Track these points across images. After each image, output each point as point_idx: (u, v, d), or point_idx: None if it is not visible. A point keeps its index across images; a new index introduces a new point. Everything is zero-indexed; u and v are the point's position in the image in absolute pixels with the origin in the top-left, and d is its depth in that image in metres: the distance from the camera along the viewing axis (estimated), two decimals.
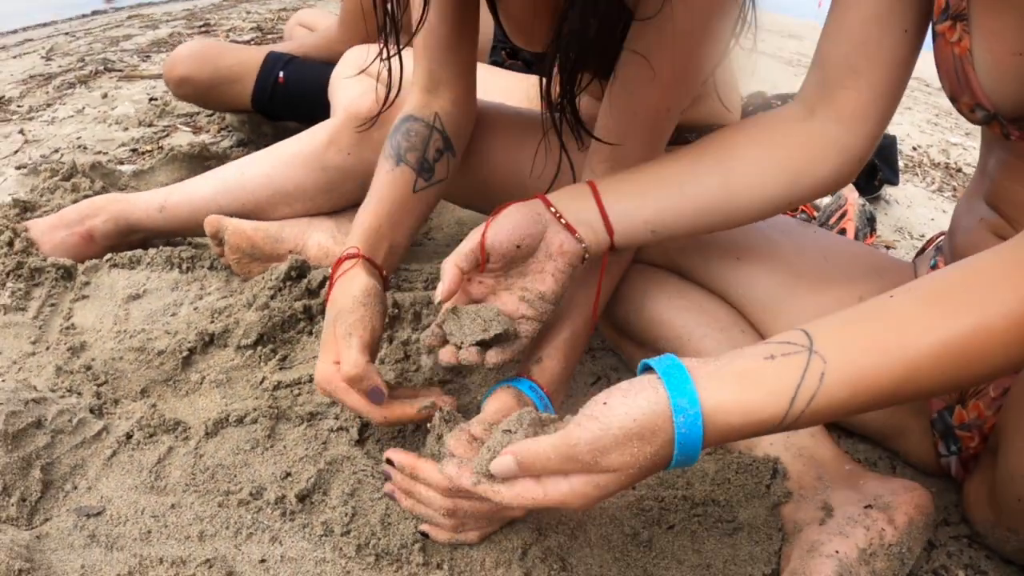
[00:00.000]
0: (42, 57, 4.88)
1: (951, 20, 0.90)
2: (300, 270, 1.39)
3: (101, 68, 4.02)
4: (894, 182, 2.99)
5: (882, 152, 2.86)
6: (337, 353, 0.96)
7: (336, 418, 1.10)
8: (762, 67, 7.41)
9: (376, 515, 0.96)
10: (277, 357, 1.23)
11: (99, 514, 0.94)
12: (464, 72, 1.27)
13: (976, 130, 1.77)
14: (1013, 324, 0.66)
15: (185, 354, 1.21)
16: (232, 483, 0.99)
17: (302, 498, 0.97)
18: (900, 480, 1.00)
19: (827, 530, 0.93)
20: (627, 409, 0.67)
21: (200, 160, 2.04)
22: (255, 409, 1.09)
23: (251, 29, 5.33)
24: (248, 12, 6.63)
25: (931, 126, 6.05)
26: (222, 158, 2.10)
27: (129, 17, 7.92)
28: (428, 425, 0.94)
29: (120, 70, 4.00)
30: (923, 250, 1.32)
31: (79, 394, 1.12)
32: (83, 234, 1.52)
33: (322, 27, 2.60)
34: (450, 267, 0.94)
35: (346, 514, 0.95)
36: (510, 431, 0.75)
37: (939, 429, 1.07)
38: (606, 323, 1.30)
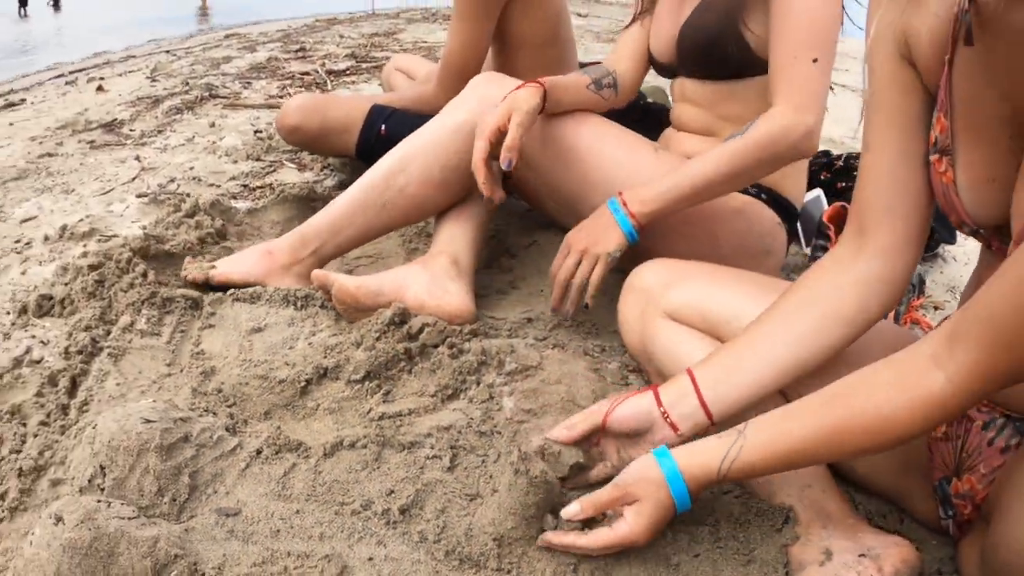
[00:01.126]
0: (147, 77, 5.18)
1: (939, 154, 1.08)
2: (402, 317, 1.59)
3: (206, 94, 4.26)
4: (951, 241, 2.98)
5: (939, 212, 2.94)
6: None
7: (432, 447, 1.30)
8: (841, 96, 7.48)
9: (461, 528, 1.15)
10: (382, 392, 1.43)
11: (236, 514, 1.15)
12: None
13: None
14: (877, 421, 0.98)
15: (303, 384, 1.42)
16: (346, 496, 1.20)
17: (403, 511, 1.18)
18: (893, 536, 1.17)
19: (825, 571, 1.11)
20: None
21: (307, 201, 2.28)
22: (364, 436, 1.30)
23: (345, 56, 5.56)
24: (341, 36, 6.86)
25: None
26: (327, 200, 2.33)
27: (227, 36, 8.26)
28: None
29: (224, 97, 4.23)
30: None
31: (215, 414, 1.34)
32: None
33: (419, 75, 2.82)
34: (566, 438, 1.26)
35: (438, 526, 1.16)
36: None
37: (939, 495, 1.22)
38: (656, 373, 1.50)
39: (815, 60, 1.53)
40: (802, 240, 2.68)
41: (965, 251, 3.23)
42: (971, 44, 0.97)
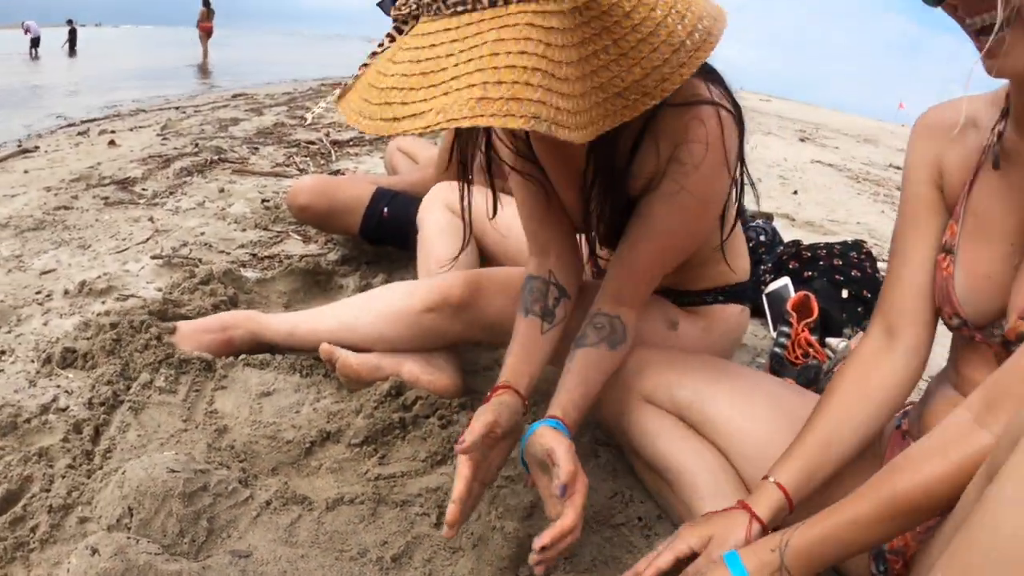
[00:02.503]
0: (158, 134, 5.37)
1: (944, 253, 1.31)
2: (398, 389, 1.78)
3: (215, 157, 4.43)
4: None
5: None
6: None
7: (421, 506, 1.48)
8: (826, 176, 7.76)
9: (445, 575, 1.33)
10: (378, 455, 1.61)
11: (247, 556, 1.32)
12: (563, 233, 1.70)
13: None
14: (931, 484, 1.07)
15: (308, 445, 1.60)
16: (345, 544, 1.37)
17: (394, 559, 1.35)
18: None
19: None
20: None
21: (312, 275, 2.46)
22: (362, 493, 1.47)
23: (351, 128, 5.79)
24: None
25: None
26: (330, 274, 2.51)
27: (234, 96, 8.50)
28: None
29: (232, 161, 4.41)
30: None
31: (228, 468, 1.51)
32: (224, 340, 1.93)
33: (421, 158, 3.03)
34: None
35: (424, 573, 1.33)
36: None
37: (874, 551, 1.38)
38: (630, 453, 1.66)
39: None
40: (769, 323, 2.86)
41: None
42: (998, 168, 1.24)
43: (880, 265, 3.72)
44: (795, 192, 6.44)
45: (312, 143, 5.16)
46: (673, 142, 1.45)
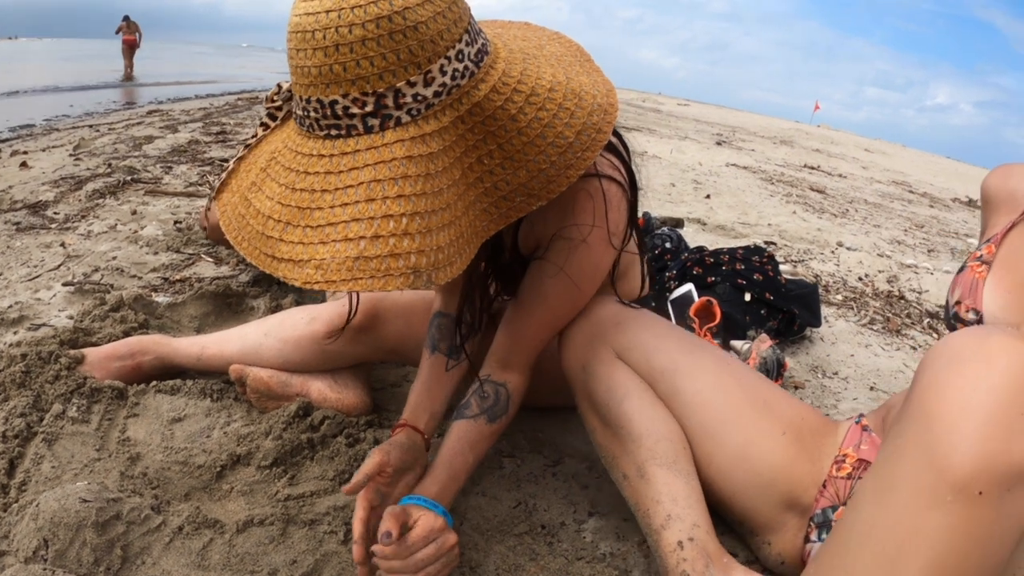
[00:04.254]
0: (70, 155, 5.30)
1: (980, 262, 1.51)
2: (306, 410, 1.83)
3: (127, 178, 4.40)
4: (815, 325, 3.30)
5: (803, 299, 3.22)
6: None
7: (329, 524, 1.53)
8: (741, 179, 7.98)
9: None
10: (287, 476, 1.66)
11: None
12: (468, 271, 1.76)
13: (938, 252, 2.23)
14: None
15: (219, 469, 1.65)
16: (256, 565, 1.42)
17: None
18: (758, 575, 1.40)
19: None
20: None
21: (224, 298, 2.50)
22: (272, 514, 1.52)
23: None
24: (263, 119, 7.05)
25: (893, 245, 6.42)
26: (241, 296, 2.54)
27: (149, 113, 8.41)
28: None
29: (145, 182, 4.39)
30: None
31: (141, 495, 1.55)
32: (133, 367, 1.96)
33: None
34: None
35: None
36: None
37: (817, 521, 1.47)
38: (586, 403, 1.65)
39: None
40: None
41: (835, 331, 3.56)
42: None
43: (784, 268, 3.86)
44: (708, 196, 6.59)
45: (226, 161, 5.13)
46: (561, 215, 1.49)
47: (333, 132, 1.14)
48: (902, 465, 1.05)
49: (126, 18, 23.53)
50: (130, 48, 22.77)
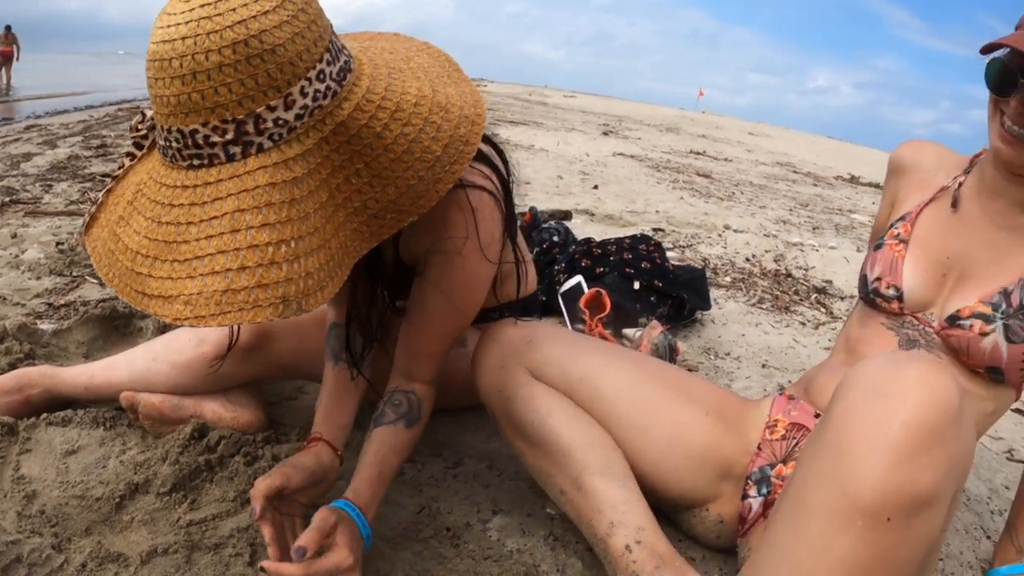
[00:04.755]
0: None
1: (896, 240, 1.67)
2: (201, 431, 1.81)
3: (6, 199, 4.27)
4: (705, 308, 3.41)
5: (692, 284, 3.33)
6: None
7: (234, 547, 1.53)
8: (627, 168, 8.11)
9: None
10: (188, 501, 1.64)
11: None
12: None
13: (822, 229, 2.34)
14: None
15: (117, 500, 1.62)
16: None
17: None
18: None
19: None
20: None
21: (111, 320, 2.45)
22: (175, 542, 1.51)
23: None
24: None
25: (779, 225, 6.62)
26: (128, 317, 2.50)
27: (27, 128, 8.14)
28: None
29: (25, 202, 4.26)
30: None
31: (40, 535, 1.52)
32: (22, 401, 1.91)
33: None
34: None
35: None
36: None
37: (755, 479, 1.56)
38: (510, 427, 1.69)
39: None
40: (567, 321, 3.02)
41: (725, 312, 3.68)
42: (956, 208, 1.68)
43: (672, 255, 3.96)
44: (595, 186, 6.70)
45: (108, 176, 5.01)
46: (434, 229, 1.51)
47: (195, 162, 1.12)
48: (816, 492, 1.13)
49: (7, 28, 22.68)
50: (7, 60, 21.98)
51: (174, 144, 1.13)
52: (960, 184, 1.72)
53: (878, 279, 1.68)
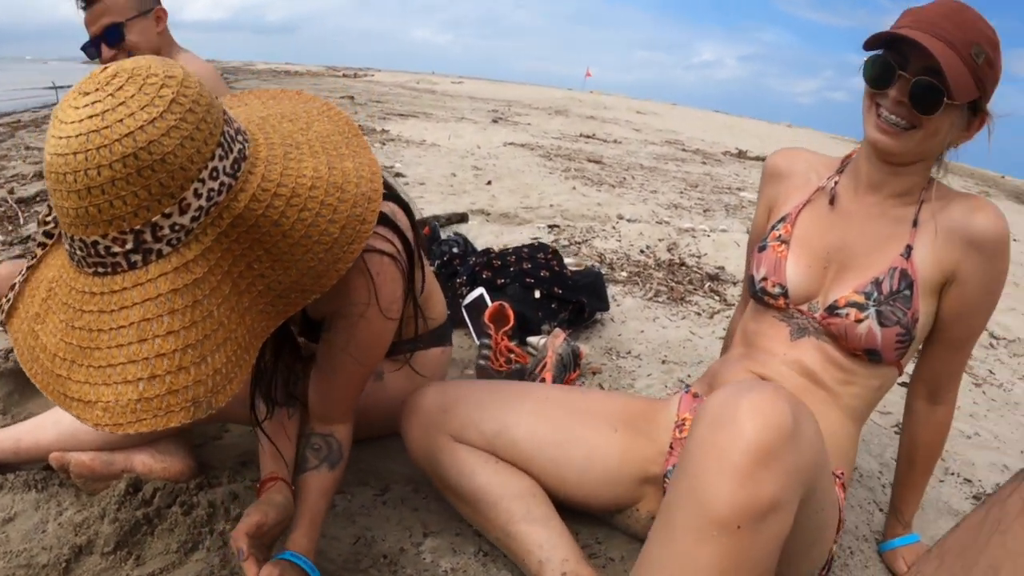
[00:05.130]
0: None
1: (779, 242, 1.89)
2: (135, 485, 1.87)
3: None
4: (604, 309, 3.54)
5: (590, 288, 3.46)
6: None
7: None
8: (519, 158, 8.10)
9: None
10: (133, 557, 1.71)
11: None
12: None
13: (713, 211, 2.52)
14: None
15: (64, 565, 1.67)
16: None
17: None
18: None
19: None
20: None
21: (23, 374, 2.44)
22: None
23: (35, 176, 5.41)
24: (27, 148, 6.60)
25: (671, 210, 6.75)
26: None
27: None
28: None
29: None
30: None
31: None
32: None
33: None
34: None
35: None
36: None
37: (668, 479, 1.75)
38: (442, 486, 1.89)
39: None
40: (472, 333, 3.13)
41: (624, 310, 3.81)
42: (833, 205, 1.88)
43: (569, 261, 4.09)
44: (489, 182, 6.75)
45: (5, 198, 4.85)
46: (338, 295, 1.57)
47: (100, 270, 1.15)
48: (679, 511, 1.29)
49: None
50: None
51: (78, 252, 1.15)
52: (836, 183, 1.91)
53: (764, 279, 1.87)
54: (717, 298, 4.36)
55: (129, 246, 1.12)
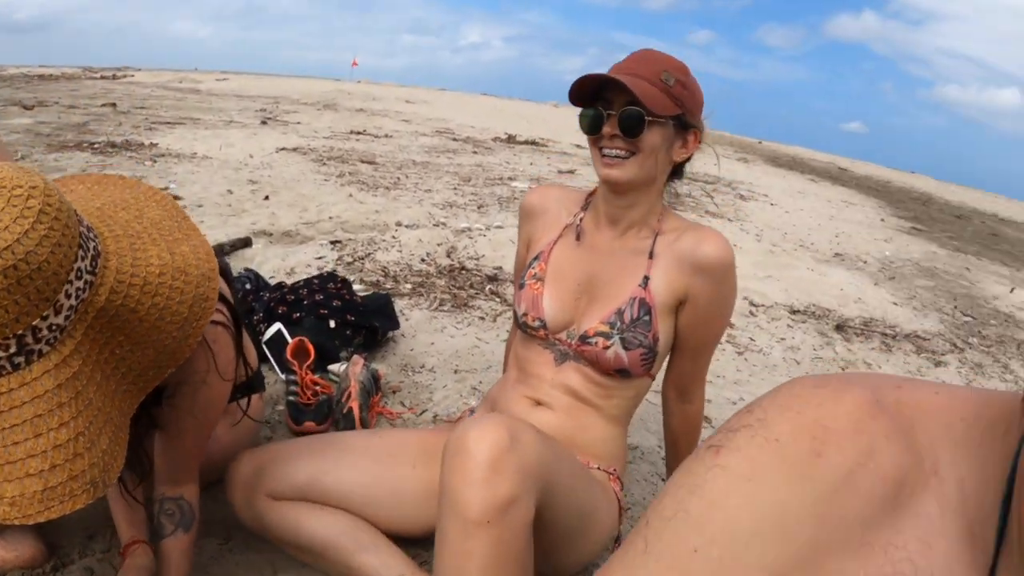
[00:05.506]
0: None
1: (535, 280, 2.10)
2: None
3: None
4: (395, 327, 3.77)
5: (380, 310, 3.69)
6: None
7: None
8: (294, 166, 7.87)
9: None
10: None
11: None
12: None
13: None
14: None
15: None
16: None
17: None
18: None
19: None
20: None
21: None
22: None
23: None
24: None
25: (447, 210, 6.93)
26: None
27: None
28: None
29: None
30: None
31: None
32: None
33: None
34: None
35: None
36: None
37: None
38: (276, 541, 2.03)
39: None
40: (276, 368, 3.27)
41: (413, 324, 4.00)
42: (580, 241, 2.11)
43: (357, 287, 4.23)
44: (267, 197, 6.68)
45: None
46: (182, 367, 1.64)
47: None
48: (445, 519, 1.58)
49: None
50: None
51: None
52: (581, 219, 2.16)
53: (525, 314, 2.12)
54: (498, 299, 4.65)
55: (13, 350, 1.17)
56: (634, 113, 1.88)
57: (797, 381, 0.84)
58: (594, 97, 1.95)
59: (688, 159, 2.08)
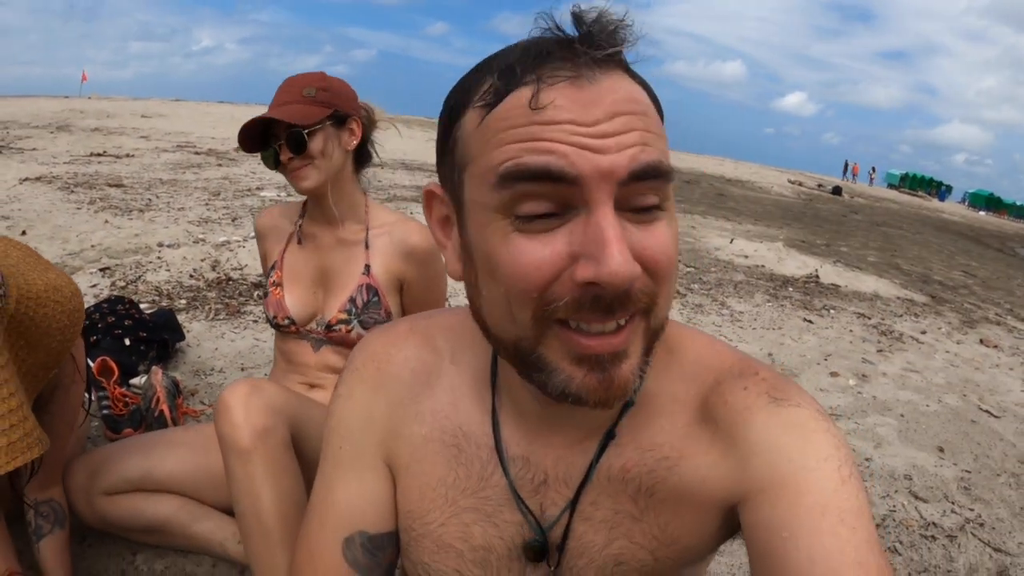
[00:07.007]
0: None
1: (276, 286, 2.31)
2: None
3: None
4: (182, 339, 4.10)
5: (168, 324, 4.04)
6: None
7: None
8: (44, 197, 7.31)
9: None
10: None
11: None
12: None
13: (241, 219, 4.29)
14: None
15: None
16: None
17: None
18: None
19: None
20: None
21: None
22: None
23: None
24: None
25: (203, 226, 7.02)
26: None
27: None
28: None
29: None
30: None
31: None
32: None
33: None
34: None
35: None
36: None
37: None
38: (126, 533, 2.23)
39: None
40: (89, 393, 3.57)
41: (195, 335, 4.24)
42: (301, 244, 2.30)
43: (144, 306, 4.39)
44: (23, 232, 6.23)
45: None
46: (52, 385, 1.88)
47: None
48: (226, 457, 1.84)
49: None
50: None
51: None
52: (300, 225, 2.41)
53: (274, 317, 2.36)
54: (255, 300, 4.97)
55: None
56: (294, 134, 2.10)
57: (372, 334, 1.22)
58: (264, 138, 2.18)
59: (364, 142, 2.33)
